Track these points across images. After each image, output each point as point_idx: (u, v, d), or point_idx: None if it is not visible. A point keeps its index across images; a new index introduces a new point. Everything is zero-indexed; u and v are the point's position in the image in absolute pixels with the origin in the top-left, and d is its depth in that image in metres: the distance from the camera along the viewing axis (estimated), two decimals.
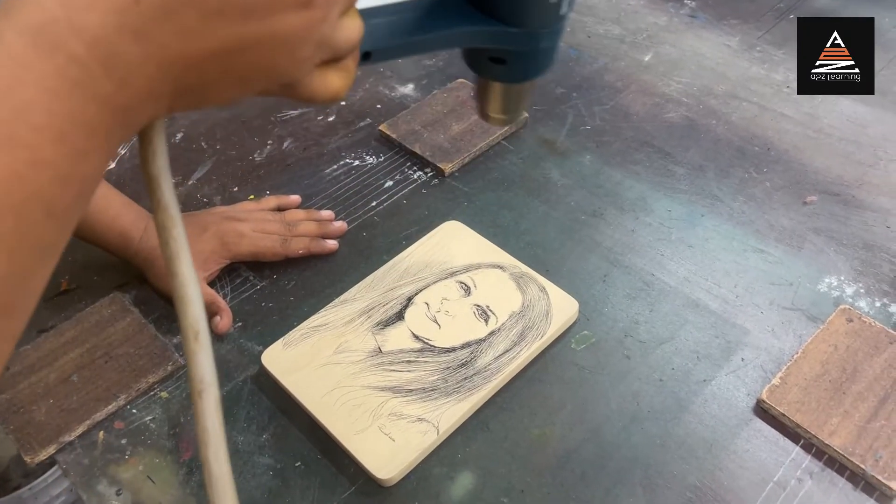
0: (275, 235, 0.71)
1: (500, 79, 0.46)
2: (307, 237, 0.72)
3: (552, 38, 0.43)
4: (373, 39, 0.36)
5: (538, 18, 0.40)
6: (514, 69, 0.45)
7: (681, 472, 0.56)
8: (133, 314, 0.68)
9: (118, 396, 0.62)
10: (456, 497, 0.55)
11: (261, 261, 0.71)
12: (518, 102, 0.49)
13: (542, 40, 0.42)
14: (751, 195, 0.78)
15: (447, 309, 0.66)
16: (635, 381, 0.62)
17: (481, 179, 0.81)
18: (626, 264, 0.71)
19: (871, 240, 0.72)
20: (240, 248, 0.69)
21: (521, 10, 0.40)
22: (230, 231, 0.69)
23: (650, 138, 0.85)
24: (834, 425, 0.56)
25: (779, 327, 0.65)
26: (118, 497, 0.56)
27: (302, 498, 0.56)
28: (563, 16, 0.41)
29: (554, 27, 0.42)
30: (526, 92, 0.48)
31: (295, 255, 0.71)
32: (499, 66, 0.44)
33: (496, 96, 0.48)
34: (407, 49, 0.39)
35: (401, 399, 0.60)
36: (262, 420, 0.60)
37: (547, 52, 0.44)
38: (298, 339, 0.64)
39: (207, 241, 0.68)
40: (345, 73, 0.32)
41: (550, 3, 0.40)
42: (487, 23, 0.40)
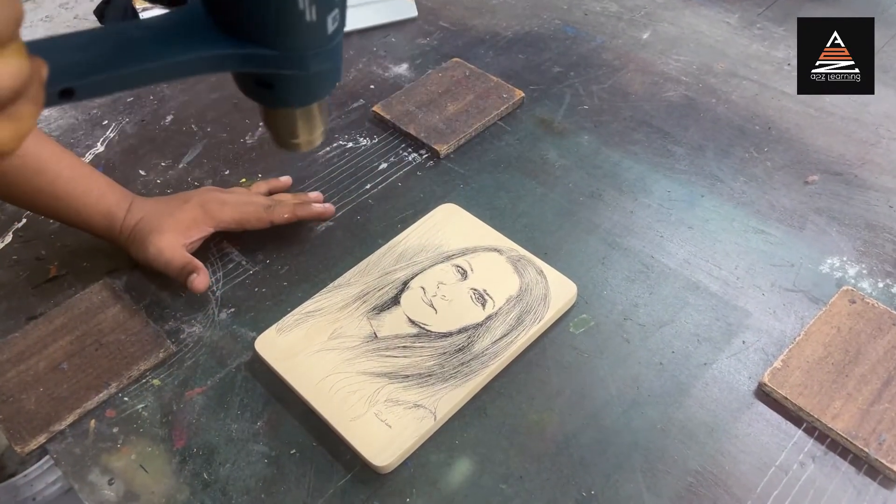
0: (259, 203, 0.70)
1: (274, 104, 0.41)
2: (292, 203, 0.71)
3: (323, 61, 0.37)
4: (74, 74, 0.31)
5: (299, 40, 0.35)
6: (285, 94, 0.39)
7: (682, 456, 0.55)
8: (124, 300, 0.66)
9: (109, 384, 0.61)
10: (454, 484, 0.54)
11: (247, 229, 0.69)
12: (310, 126, 0.43)
13: (310, 64, 0.37)
14: (751, 175, 0.76)
15: (443, 293, 0.65)
16: (635, 365, 0.61)
17: (477, 161, 0.80)
18: (625, 246, 0.70)
19: (874, 220, 0.71)
20: (222, 215, 0.68)
21: (277, 32, 0.35)
22: (213, 199, 0.69)
23: (649, 118, 0.84)
24: (837, 408, 0.56)
25: (780, 309, 0.64)
26: (110, 486, 0.55)
27: (297, 486, 0.55)
28: (332, 35, 0.36)
29: (323, 48, 0.37)
30: (313, 115, 0.42)
31: (281, 220, 0.70)
32: (267, 91, 0.39)
33: (280, 121, 0.42)
34: (128, 80, 0.34)
35: (397, 385, 0.59)
36: (256, 407, 0.59)
37: (323, 75, 0.39)
38: (292, 324, 0.63)
39: (189, 210, 0.67)
40: (14, 121, 0.27)
41: (308, 24, 0.34)
42: (238, 45, 0.35)
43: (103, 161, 0.82)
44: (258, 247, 0.71)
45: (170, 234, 0.66)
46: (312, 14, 0.34)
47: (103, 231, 0.67)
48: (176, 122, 0.87)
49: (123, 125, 0.86)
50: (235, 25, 0.35)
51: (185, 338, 0.64)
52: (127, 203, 0.68)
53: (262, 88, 0.39)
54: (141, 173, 0.80)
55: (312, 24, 0.35)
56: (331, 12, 0.35)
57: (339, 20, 0.36)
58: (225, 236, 0.72)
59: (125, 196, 0.68)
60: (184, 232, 0.66)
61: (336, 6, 0.36)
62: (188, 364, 0.63)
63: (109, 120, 0.87)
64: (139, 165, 0.81)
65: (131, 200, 0.68)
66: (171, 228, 0.66)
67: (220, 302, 0.67)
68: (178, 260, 0.65)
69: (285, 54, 0.36)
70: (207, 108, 0.88)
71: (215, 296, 0.67)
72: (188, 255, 0.66)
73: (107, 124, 0.87)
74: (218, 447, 0.57)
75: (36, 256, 0.72)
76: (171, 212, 0.67)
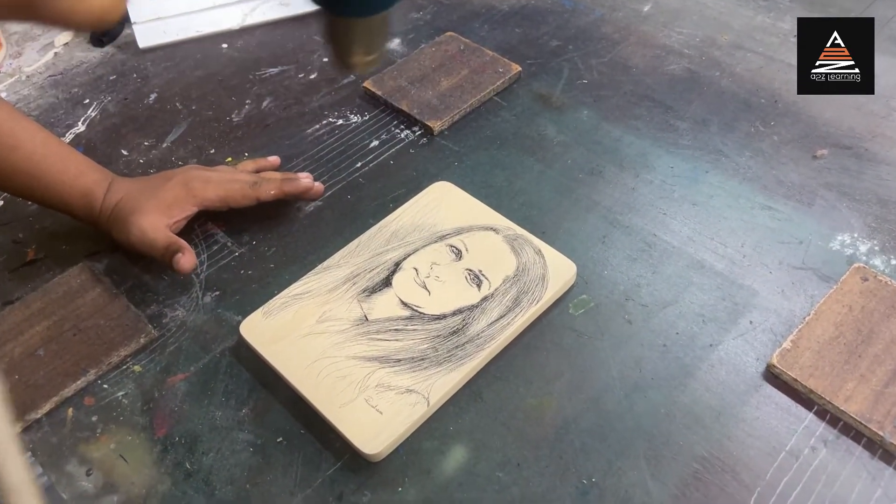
0: (244, 179, 0.67)
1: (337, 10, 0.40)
2: (279, 178, 0.68)
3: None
4: None
5: None
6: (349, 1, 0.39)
7: (687, 442, 0.52)
8: (104, 284, 0.64)
9: (88, 371, 0.58)
10: (448, 472, 0.52)
11: (232, 207, 0.66)
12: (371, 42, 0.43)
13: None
14: (757, 150, 0.73)
15: (437, 274, 0.62)
16: (637, 347, 0.58)
17: (473, 137, 0.77)
18: (627, 224, 0.67)
19: (886, 194, 0.68)
20: (206, 193, 0.65)
21: None
22: (196, 177, 0.66)
23: (651, 92, 0.81)
24: (849, 390, 0.53)
25: (789, 288, 0.61)
26: (88, 477, 0.53)
27: (284, 475, 0.52)
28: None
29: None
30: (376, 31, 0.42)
31: (267, 196, 0.66)
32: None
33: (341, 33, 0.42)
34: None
35: (388, 369, 0.56)
36: (241, 394, 0.57)
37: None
38: (279, 307, 0.60)
39: (171, 188, 0.64)
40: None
41: None
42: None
43: (84, 141, 0.79)
44: (244, 228, 0.69)
45: (152, 215, 0.63)
46: None
47: (82, 212, 0.64)
48: (160, 101, 0.84)
49: (105, 104, 0.83)
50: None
51: (168, 322, 0.62)
52: (106, 183, 0.65)
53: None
54: (123, 153, 0.77)
55: None
56: None
57: None
58: (210, 217, 0.69)
59: (104, 175, 0.65)
60: (166, 212, 0.63)
61: None
62: (171, 349, 0.60)
63: (91, 98, 0.84)
64: (121, 145, 0.78)
65: (111, 180, 0.65)
66: (153, 208, 0.63)
67: (204, 285, 0.64)
68: (161, 240, 0.62)
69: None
70: (192, 85, 0.85)
71: (199, 278, 0.65)
72: (172, 235, 0.63)
73: (88, 103, 0.83)
74: (201, 435, 0.55)
75: (13, 239, 0.69)
76: (153, 191, 0.64)
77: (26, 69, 0.89)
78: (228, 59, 0.89)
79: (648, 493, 0.50)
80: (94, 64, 0.89)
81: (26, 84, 0.87)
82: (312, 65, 0.87)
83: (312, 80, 0.85)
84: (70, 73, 0.88)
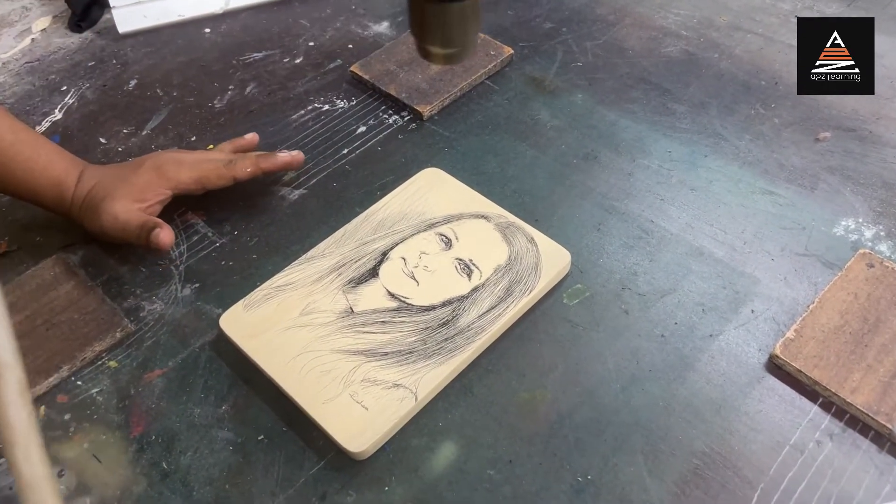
0: (218, 159, 0.64)
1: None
2: (254, 155, 0.65)
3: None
4: None
5: None
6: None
7: (686, 436, 0.50)
8: (78, 276, 0.61)
9: (61, 367, 0.55)
10: (437, 470, 0.50)
11: (208, 188, 0.64)
12: (464, 30, 0.39)
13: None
14: (758, 133, 0.71)
15: (426, 264, 0.60)
16: (634, 338, 0.56)
17: (463, 122, 0.74)
18: (623, 211, 0.65)
19: (891, 178, 0.66)
20: (179, 175, 0.62)
21: None
22: (168, 160, 0.63)
23: (647, 75, 0.78)
24: (856, 381, 0.51)
25: (792, 275, 0.59)
26: (60, 478, 0.51)
27: (265, 475, 0.50)
28: None
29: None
30: (469, 15, 0.38)
31: (244, 174, 0.63)
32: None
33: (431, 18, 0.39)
34: None
35: (375, 363, 0.54)
36: (221, 390, 0.54)
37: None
38: (261, 300, 0.58)
39: (143, 173, 0.62)
40: None
41: None
42: None
43: (61, 129, 0.76)
44: (225, 217, 0.66)
45: (124, 200, 0.60)
46: None
47: (53, 202, 0.62)
48: (140, 87, 0.81)
49: (83, 90, 0.80)
50: None
51: (145, 316, 0.59)
52: (77, 171, 0.62)
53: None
54: (101, 141, 0.74)
55: None
56: None
57: None
58: (189, 206, 0.67)
59: (75, 164, 0.63)
60: (138, 196, 0.61)
61: None
62: (148, 344, 0.57)
63: (68, 85, 0.81)
64: (99, 133, 0.75)
65: (82, 168, 0.62)
66: (125, 194, 0.60)
67: (183, 277, 0.62)
68: (134, 221, 0.60)
69: None
70: (173, 71, 0.82)
71: (178, 270, 0.62)
72: (145, 215, 0.61)
73: (65, 90, 0.81)
74: (179, 434, 0.52)
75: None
76: (125, 177, 0.61)
77: (2, 56, 0.86)
78: (211, 43, 0.86)
79: (646, 491, 0.48)
80: (72, 50, 0.86)
81: (2, 71, 0.84)
82: (298, 49, 0.84)
83: (298, 64, 0.82)
84: (47, 59, 0.85)
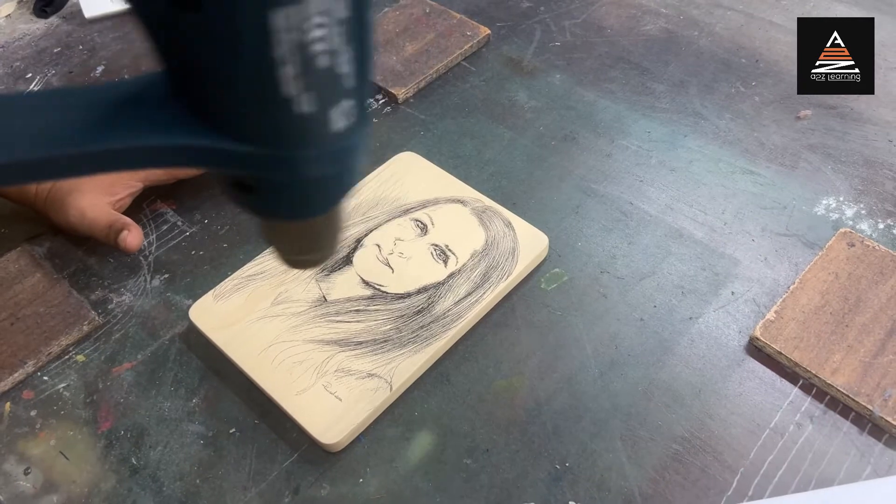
0: None
1: (258, 213, 0.31)
2: None
3: (325, 164, 0.27)
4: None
5: (286, 137, 0.25)
6: (272, 202, 0.29)
7: (666, 421, 0.49)
8: (44, 269, 0.59)
9: (26, 363, 0.54)
10: (413, 460, 0.49)
11: (181, 177, 0.63)
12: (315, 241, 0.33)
13: (302, 167, 0.26)
14: (738, 111, 0.70)
15: (401, 250, 0.58)
16: (613, 322, 0.55)
17: (439, 105, 0.73)
18: (602, 193, 0.64)
19: (872, 155, 0.65)
20: None
21: (251, 121, 0.25)
22: None
23: (626, 54, 0.77)
24: (836, 362, 0.50)
25: (772, 256, 0.58)
26: (27, 476, 0.49)
27: (237, 469, 0.49)
28: (340, 134, 0.26)
29: (323, 149, 0.26)
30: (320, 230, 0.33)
31: None
32: (246, 196, 0.29)
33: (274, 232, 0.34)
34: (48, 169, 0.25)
35: (349, 353, 0.52)
36: (192, 383, 0.53)
37: (326, 182, 0.28)
38: (231, 289, 0.56)
39: None
40: None
41: (299, 116, 0.24)
42: (202, 135, 0.25)
43: None
44: (196, 205, 0.64)
45: (92, 194, 0.58)
46: (304, 104, 0.24)
47: (16, 195, 0.60)
48: (107, 74, 0.79)
49: (49, 77, 0.78)
50: (201, 107, 0.25)
51: (114, 308, 0.58)
52: None
53: (241, 192, 0.29)
54: None
55: (306, 118, 0.24)
56: (336, 105, 0.25)
57: (354, 115, 0.26)
58: (158, 194, 0.65)
59: None
60: (108, 189, 0.59)
61: (346, 97, 0.25)
62: (116, 337, 0.56)
63: (34, 73, 0.79)
64: None
65: None
66: (93, 187, 0.59)
67: (152, 267, 0.60)
68: (102, 219, 0.58)
69: (266, 152, 0.26)
70: (142, 57, 0.80)
71: (147, 260, 0.61)
72: (115, 213, 0.59)
73: (30, 77, 0.78)
74: (148, 428, 0.51)
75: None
76: None
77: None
78: None
79: (625, 477, 0.47)
80: (37, 36, 0.84)
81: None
82: None
83: None
84: (11, 45, 0.83)
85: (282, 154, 0.26)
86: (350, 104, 0.25)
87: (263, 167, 0.26)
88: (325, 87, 0.24)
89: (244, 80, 0.23)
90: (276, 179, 0.27)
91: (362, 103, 0.26)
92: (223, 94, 0.24)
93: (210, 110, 0.25)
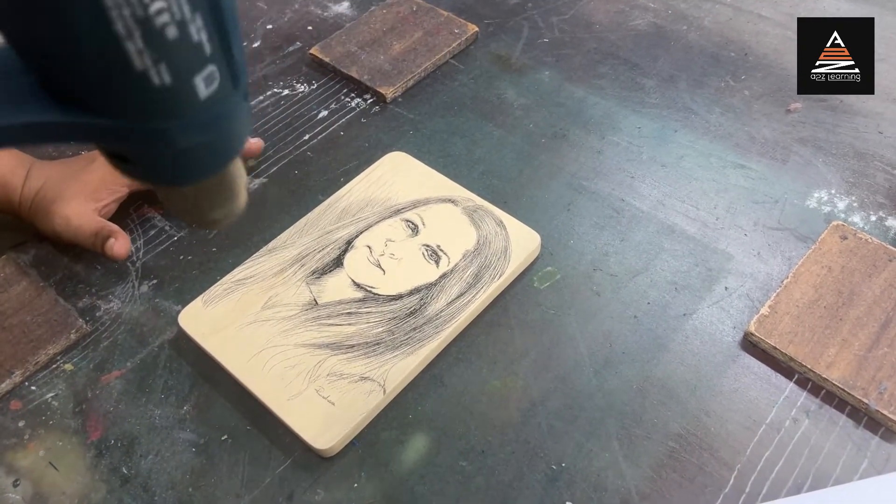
0: None
1: (141, 180, 0.30)
2: None
3: (197, 133, 0.27)
4: None
5: (149, 108, 0.25)
6: (149, 170, 0.29)
7: (661, 419, 0.49)
8: (30, 276, 0.59)
9: (13, 373, 0.53)
10: (408, 463, 0.48)
11: None
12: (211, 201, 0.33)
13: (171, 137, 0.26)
14: (728, 105, 0.70)
15: (392, 251, 0.58)
16: (607, 320, 0.54)
17: (428, 104, 0.72)
18: (593, 190, 0.63)
19: (863, 147, 0.65)
20: None
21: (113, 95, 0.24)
22: None
23: (615, 49, 0.76)
24: (831, 356, 0.50)
25: (765, 250, 0.58)
26: (15, 488, 0.48)
27: (229, 476, 0.48)
28: (208, 101, 0.26)
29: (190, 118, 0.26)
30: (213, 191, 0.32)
31: None
32: (125, 165, 0.28)
33: (167, 196, 0.33)
34: None
35: (341, 356, 0.52)
36: (182, 390, 0.52)
37: (202, 150, 0.28)
38: (221, 294, 0.56)
39: (96, 169, 0.59)
40: None
41: (159, 88, 0.24)
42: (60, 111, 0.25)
43: None
44: None
45: (76, 201, 0.58)
46: (161, 75, 0.24)
47: (1, 203, 0.59)
48: None
49: None
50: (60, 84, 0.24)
51: (102, 315, 0.57)
52: (24, 169, 0.59)
53: (118, 161, 0.28)
54: None
55: (167, 89, 0.24)
56: (197, 73, 0.25)
57: (219, 81, 0.26)
58: (146, 199, 0.64)
59: (21, 161, 0.60)
60: (93, 196, 0.58)
61: (207, 64, 0.25)
62: (105, 345, 0.55)
63: None
64: None
65: (29, 165, 0.60)
66: (77, 193, 0.58)
67: (140, 273, 0.59)
68: (88, 227, 0.57)
69: (131, 126, 0.25)
70: None
71: (135, 266, 0.60)
72: (101, 220, 0.58)
73: None
74: (139, 437, 0.50)
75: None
76: (77, 174, 0.58)
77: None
78: None
79: (622, 476, 0.47)
80: None
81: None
82: (255, 32, 0.81)
83: (256, 48, 0.79)
84: None
85: (148, 126, 0.25)
86: (212, 70, 0.25)
87: (133, 140, 0.26)
88: (179, 57, 0.24)
89: (90, 56, 0.23)
90: (149, 151, 0.27)
91: (230, 69, 0.26)
92: (75, 71, 0.24)
93: (68, 87, 0.24)
